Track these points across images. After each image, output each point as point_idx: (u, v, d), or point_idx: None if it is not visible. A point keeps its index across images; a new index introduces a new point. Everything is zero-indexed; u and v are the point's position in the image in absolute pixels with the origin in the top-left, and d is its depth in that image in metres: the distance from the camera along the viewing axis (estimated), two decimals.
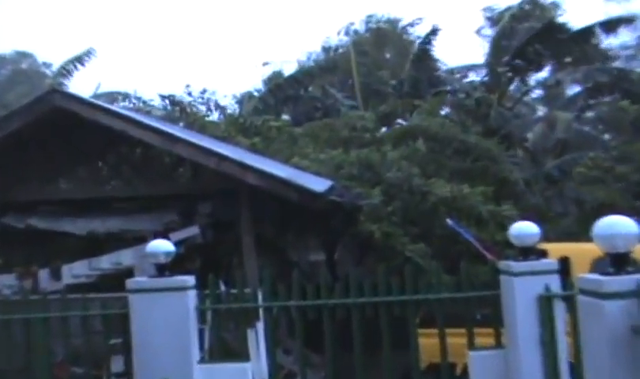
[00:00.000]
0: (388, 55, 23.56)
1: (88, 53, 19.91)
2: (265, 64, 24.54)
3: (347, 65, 20.73)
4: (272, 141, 13.76)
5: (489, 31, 22.44)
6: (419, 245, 9.49)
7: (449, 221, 8.29)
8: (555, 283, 4.72)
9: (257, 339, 6.39)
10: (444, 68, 20.83)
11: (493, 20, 21.04)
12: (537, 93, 23.01)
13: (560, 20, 20.34)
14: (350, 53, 20.77)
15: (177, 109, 17.95)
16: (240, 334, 5.59)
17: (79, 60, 19.77)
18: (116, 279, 7.33)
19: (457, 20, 47.12)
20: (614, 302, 3.23)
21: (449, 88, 19.29)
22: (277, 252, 12.54)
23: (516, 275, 4.74)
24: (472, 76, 20.60)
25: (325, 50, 24.99)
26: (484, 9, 22.77)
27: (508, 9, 20.24)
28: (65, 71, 19.75)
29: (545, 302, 4.66)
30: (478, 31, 23.49)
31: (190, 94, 18.62)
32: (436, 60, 19.93)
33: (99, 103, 9.39)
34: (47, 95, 8.98)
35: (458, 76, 20.59)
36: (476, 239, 8.02)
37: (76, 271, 8.86)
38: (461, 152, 13.19)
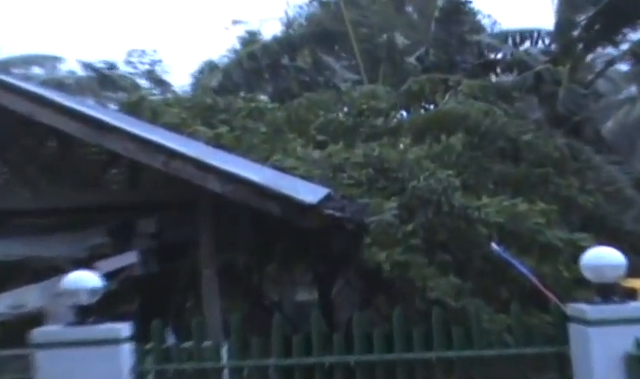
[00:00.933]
0: (410, 10, 23.49)
1: None
2: (235, 23, 24.67)
3: (351, 22, 20.89)
4: (245, 133, 13.72)
5: None
6: (450, 278, 9.42)
7: (494, 246, 8.22)
8: None
9: None
10: (489, 31, 20.92)
11: None
12: (628, 63, 22.88)
13: None
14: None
15: (109, 84, 17.91)
16: None
17: None
18: (17, 328, 7.25)
19: None
20: None
21: (497, 56, 19.36)
22: (250, 289, 12.56)
23: (592, 323, 4.70)
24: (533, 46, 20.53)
25: (322, 3, 25.05)
26: None
27: None
28: None
29: (636, 364, 4.61)
30: None
31: (93, 67, 18.67)
32: (476, 18, 20.02)
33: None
34: None
35: (510, 42, 20.54)
36: (533, 273, 7.97)
37: None
38: (509, 154, 13.17)
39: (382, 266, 9.46)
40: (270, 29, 24.42)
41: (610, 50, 20.09)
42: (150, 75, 21.99)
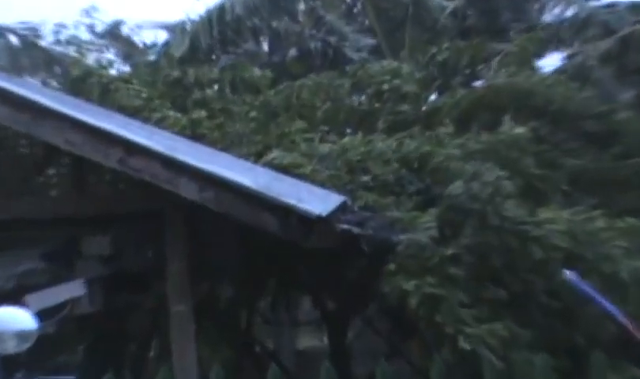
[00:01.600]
0: None
1: None
2: None
3: None
4: (229, 120, 13.70)
5: None
6: (493, 325, 9.31)
7: (568, 274, 8.18)
8: None
9: None
10: None
11: None
12: None
13: None
14: None
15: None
16: None
17: None
18: None
19: None
20: None
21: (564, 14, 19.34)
22: (237, 332, 12.53)
23: None
24: None
25: None
26: None
27: None
28: None
29: None
30: None
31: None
32: None
33: None
34: None
35: None
36: (620, 312, 7.92)
37: None
38: (597, 139, 13.05)
39: (406, 300, 9.39)
40: None
41: None
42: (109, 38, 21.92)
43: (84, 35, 25.50)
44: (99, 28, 26.03)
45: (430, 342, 9.65)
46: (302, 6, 21.21)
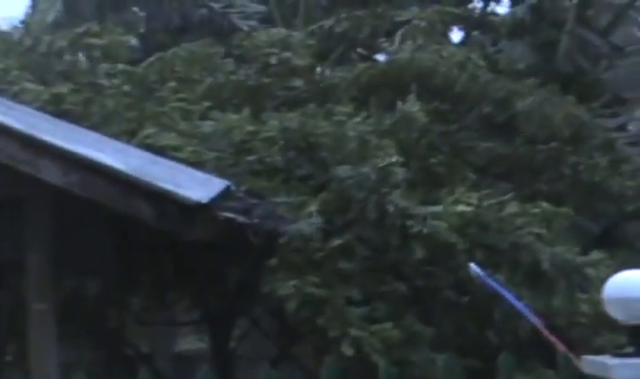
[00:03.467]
0: None
1: None
2: None
3: None
4: (99, 93, 13.56)
5: None
6: (384, 325, 9.42)
7: (473, 267, 8.29)
8: None
9: None
10: None
11: None
12: None
13: None
14: None
15: None
16: None
17: None
18: None
19: None
20: None
21: None
22: (106, 333, 12.41)
23: None
24: None
25: None
26: None
27: None
28: None
29: None
30: None
31: None
32: None
33: None
34: None
35: None
36: (528, 309, 8.08)
37: None
38: (500, 126, 13.34)
39: (286, 302, 9.43)
40: None
41: None
42: None
43: None
44: None
45: (320, 345, 9.72)
46: None
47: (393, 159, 10.65)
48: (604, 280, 5.88)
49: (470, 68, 14.00)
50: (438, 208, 10.28)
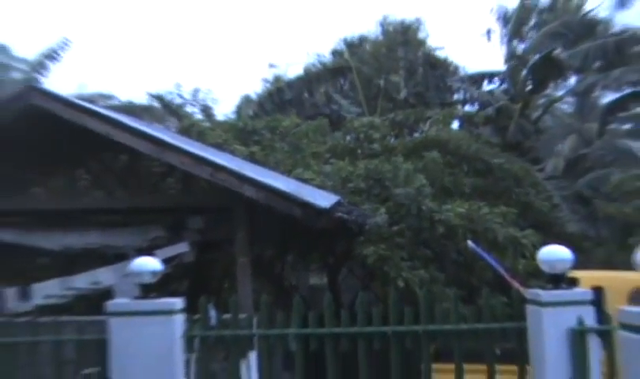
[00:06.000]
0: (401, 59, 23.25)
1: (63, 45, 19.70)
2: (271, 66, 24.65)
3: (355, 68, 20.88)
4: (273, 151, 13.71)
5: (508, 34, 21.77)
6: (419, 271, 9.36)
7: (470, 243, 8.16)
8: (588, 316, 4.63)
9: (249, 371, 6.29)
10: (462, 73, 20.88)
11: (507, 20, 20.67)
12: (568, 103, 22.75)
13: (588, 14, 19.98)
14: (364, 53, 20.94)
15: (168, 111, 17.93)
16: (231, 366, 5.49)
17: (53, 53, 19.62)
18: (93, 301, 7.27)
19: (476, 24, 47.37)
20: None
21: (465, 96, 19.39)
22: (275, 276, 12.52)
23: (545, 305, 4.65)
24: (493, 85, 20.43)
25: (334, 53, 24.86)
26: (496, 10, 21.82)
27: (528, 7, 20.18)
28: (39, 66, 19.61)
29: (578, 337, 4.56)
30: (488, 33, 22.60)
31: (181, 96, 18.61)
32: (451, 65, 20.09)
33: (82, 103, 9.33)
34: (24, 92, 8.90)
35: (475, 84, 20.44)
36: (499, 265, 7.90)
37: (48, 290, 8.77)
38: (481, 172, 13.21)
39: (367, 259, 9.46)
40: (295, 70, 24.29)
41: (559, 91, 20.13)
42: (202, 104, 21.77)
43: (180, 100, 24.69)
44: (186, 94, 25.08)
45: (385, 282, 9.68)
46: (322, 89, 21.05)
47: (424, 183, 10.63)
48: (531, 247, 5.76)
49: (466, 140, 13.94)
50: (449, 207, 10.23)
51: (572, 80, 19.19)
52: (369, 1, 42.55)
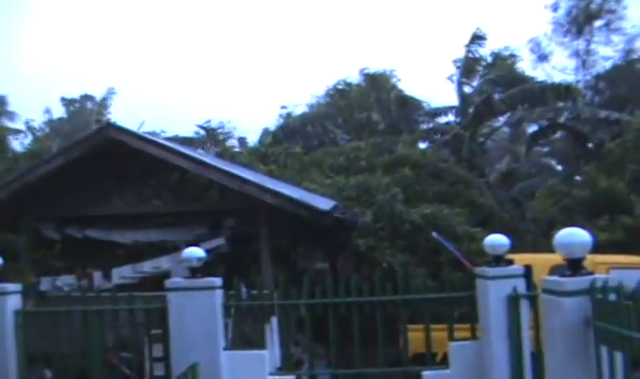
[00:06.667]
0: (376, 98, 23.21)
1: (110, 92, 20.03)
2: (282, 107, 25.07)
3: (345, 106, 20.95)
4: (286, 169, 13.80)
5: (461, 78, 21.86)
6: (399, 255, 9.42)
7: (434, 234, 8.23)
8: (521, 286, 4.73)
9: (272, 332, 6.38)
10: (426, 108, 20.90)
11: (462, 69, 20.83)
12: (504, 132, 22.91)
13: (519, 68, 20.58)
14: (351, 93, 20.99)
15: (208, 139, 17.98)
16: (258, 327, 5.59)
17: (104, 101, 19.98)
18: (156, 281, 7.34)
19: (436, 65, 47.22)
20: (571, 299, 3.27)
21: (429, 126, 19.53)
22: (289, 261, 12.47)
23: (489, 278, 4.75)
24: (451, 117, 20.55)
25: (328, 95, 25.17)
26: (454, 61, 22.21)
27: (475, 59, 20.28)
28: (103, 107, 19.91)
29: (513, 301, 4.66)
30: (449, 78, 22.93)
31: (204, 128, 18.70)
32: (418, 102, 20.20)
33: (146, 135, 9.48)
34: (103, 128, 9.18)
35: (437, 116, 20.53)
36: (457, 250, 7.97)
37: (123, 273, 8.94)
38: (437, 176, 13.22)
39: (360, 247, 9.48)
40: (300, 109, 24.63)
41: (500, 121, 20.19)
42: (230, 135, 21.74)
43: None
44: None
45: (373, 266, 9.71)
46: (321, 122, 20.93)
47: (397, 191, 10.66)
48: (480, 238, 5.80)
49: (434, 160, 13.95)
50: (416, 210, 10.27)
51: (506, 115, 19.29)
52: (355, 48, 42.41)
